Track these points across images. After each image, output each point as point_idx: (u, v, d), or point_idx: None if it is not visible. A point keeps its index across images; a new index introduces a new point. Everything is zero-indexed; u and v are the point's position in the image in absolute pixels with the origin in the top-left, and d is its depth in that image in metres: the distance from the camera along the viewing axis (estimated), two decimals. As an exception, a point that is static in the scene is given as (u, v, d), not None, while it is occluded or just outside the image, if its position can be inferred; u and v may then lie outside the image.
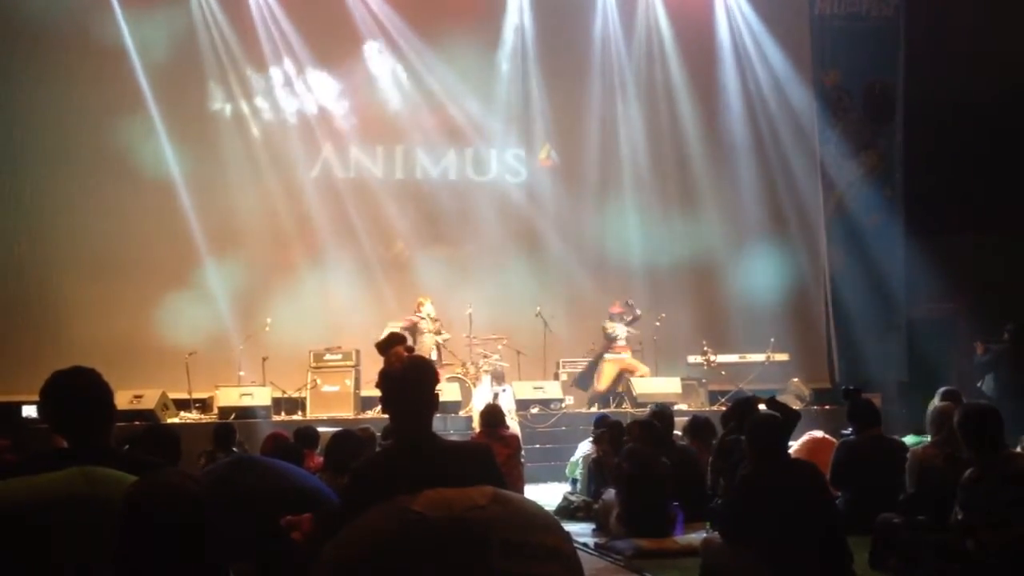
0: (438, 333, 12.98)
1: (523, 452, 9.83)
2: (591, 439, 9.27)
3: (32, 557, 2.64)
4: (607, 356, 13.48)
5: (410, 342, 9.40)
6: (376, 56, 14.79)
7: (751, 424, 5.50)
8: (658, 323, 13.99)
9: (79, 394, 3.17)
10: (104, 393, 3.22)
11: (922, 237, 15.41)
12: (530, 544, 2.99)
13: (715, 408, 12.29)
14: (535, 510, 3.24)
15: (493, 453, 3.59)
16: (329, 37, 14.70)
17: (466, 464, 3.34)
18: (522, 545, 2.97)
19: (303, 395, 12.85)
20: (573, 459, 9.90)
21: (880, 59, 15.87)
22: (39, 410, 3.30)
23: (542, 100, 15.26)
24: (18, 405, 11.32)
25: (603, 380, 13.44)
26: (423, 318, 12.91)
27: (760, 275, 15.29)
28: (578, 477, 9.58)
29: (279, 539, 3.73)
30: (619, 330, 13.48)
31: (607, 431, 8.23)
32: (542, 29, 15.28)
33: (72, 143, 13.71)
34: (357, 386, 12.83)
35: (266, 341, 12.99)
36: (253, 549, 3.62)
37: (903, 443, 6.81)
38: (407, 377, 3.44)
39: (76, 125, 13.70)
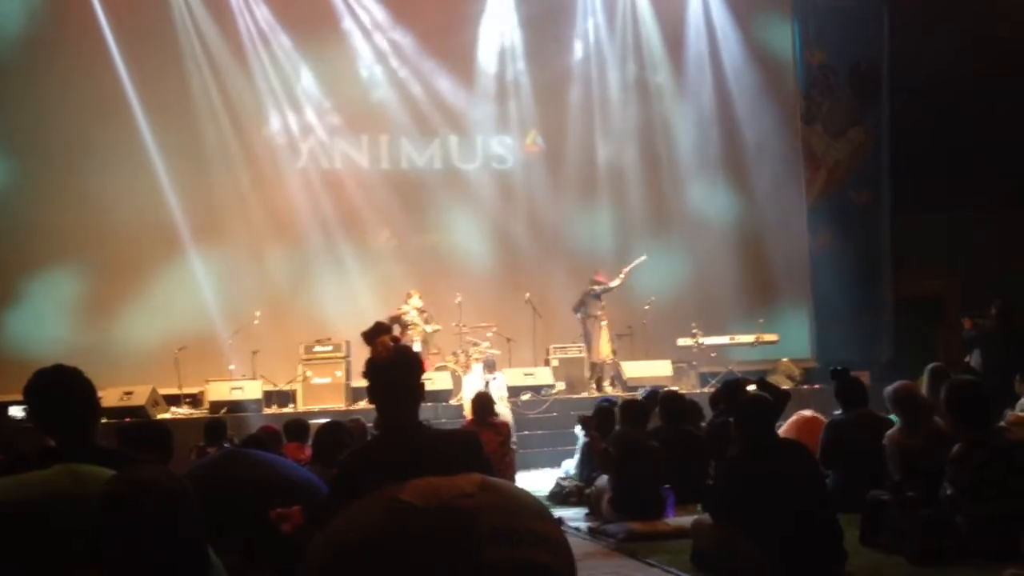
0: (426, 324, 12.96)
1: (515, 439, 9.84)
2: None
3: (19, 555, 2.63)
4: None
5: (396, 333, 9.37)
6: (358, 45, 14.75)
7: (738, 406, 5.50)
8: (647, 307, 14.03)
9: (62, 392, 3.18)
10: (87, 390, 3.23)
11: (909, 214, 15.47)
12: (519, 531, 2.99)
13: (706, 390, 12.34)
14: (523, 497, 3.25)
15: (480, 440, 3.59)
16: (310, 27, 14.66)
17: (454, 452, 3.34)
18: (511, 532, 2.97)
19: (294, 388, 12.84)
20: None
21: (865, 36, 15.88)
22: (24, 409, 3.31)
23: (526, 85, 15.24)
24: (3, 404, 11.30)
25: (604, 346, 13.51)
26: (408, 310, 12.90)
27: (746, 256, 15.35)
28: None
29: (269, 531, 3.73)
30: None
31: (594, 416, 8.24)
32: (524, 12, 15.23)
33: (52, 137, 13.64)
34: (348, 377, 12.81)
35: (255, 334, 12.97)
36: (243, 541, 3.63)
37: (891, 420, 6.81)
38: (392, 366, 3.44)
39: (55, 119, 13.61)
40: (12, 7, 13.81)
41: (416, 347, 12.46)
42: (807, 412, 8.34)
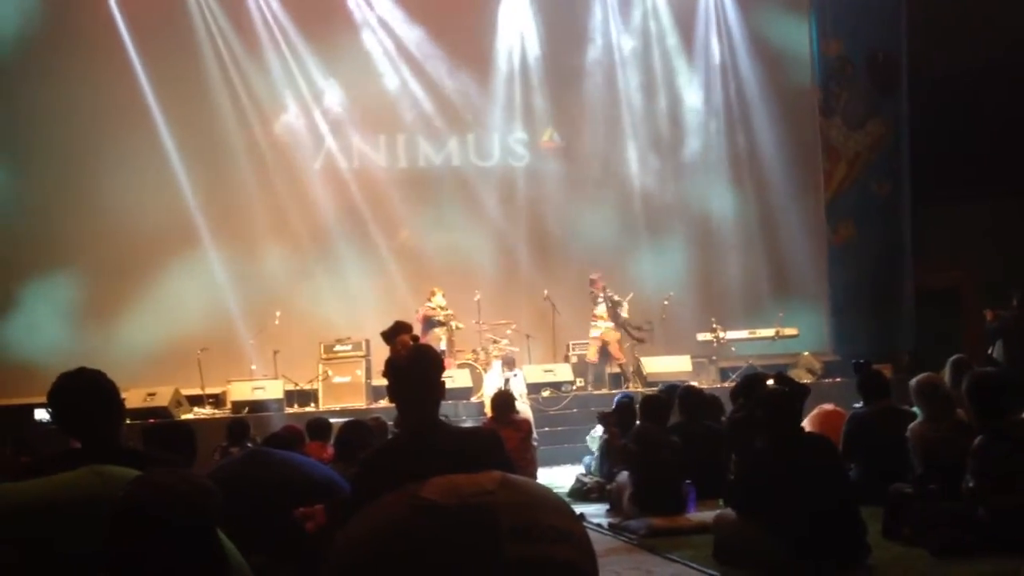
0: (448, 321, 13.00)
1: (536, 436, 9.85)
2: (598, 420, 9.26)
3: (47, 557, 2.67)
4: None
5: (417, 331, 9.39)
6: (375, 45, 14.79)
7: (765, 398, 5.47)
8: (666, 302, 14.01)
9: (85, 395, 3.22)
10: (110, 392, 3.26)
11: (930, 206, 15.36)
12: (540, 527, 3.00)
13: (726, 384, 12.31)
14: (544, 493, 3.25)
15: (501, 438, 3.61)
16: (327, 27, 14.71)
17: (474, 450, 3.36)
18: (532, 528, 2.98)
19: (315, 387, 12.90)
20: (593, 434, 9.77)
21: (882, 27, 15.74)
22: (49, 412, 3.36)
23: (543, 82, 15.23)
24: (30, 407, 11.40)
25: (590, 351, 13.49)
26: (434, 308, 12.96)
27: (764, 250, 15.30)
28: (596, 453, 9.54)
29: (293, 530, 3.76)
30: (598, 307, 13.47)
31: (614, 413, 8.24)
32: (540, 9, 15.24)
33: (73, 141, 13.73)
34: (368, 376, 12.85)
35: (276, 334, 13.02)
36: (267, 540, 3.65)
37: (914, 413, 6.79)
38: (411, 366, 3.46)
39: (77, 123, 13.70)
40: (7, 7, 13.87)
41: (442, 345, 12.52)
42: (828, 406, 8.32)
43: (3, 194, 13.77)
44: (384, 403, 11.95)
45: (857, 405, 7.60)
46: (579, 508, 7.06)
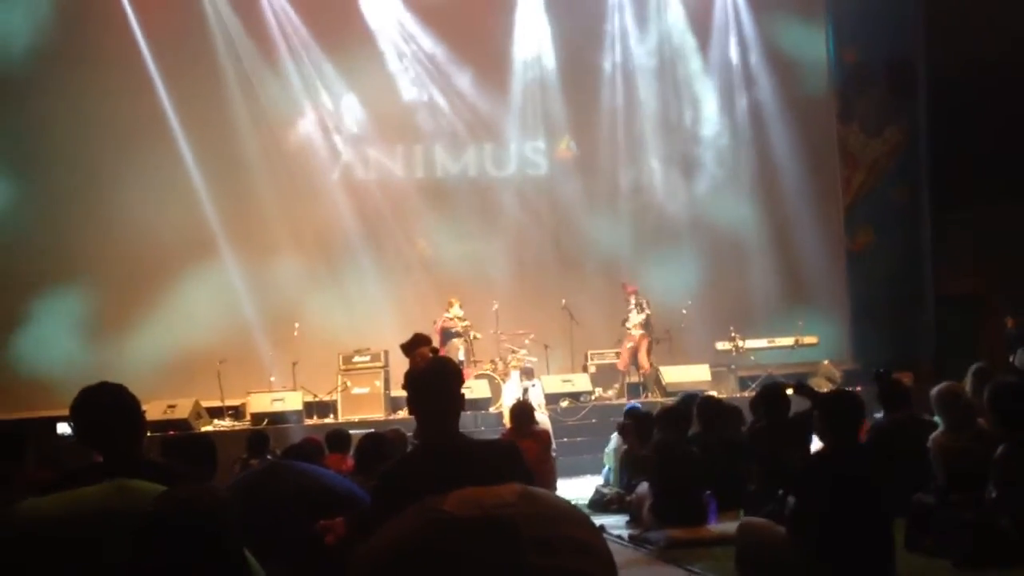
0: (466, 332, 12.99)
1: (555, 446, 9.83)
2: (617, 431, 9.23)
3: (69, 571, 2.68)
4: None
5: (435, 342, 9.41)
6: (391, 56, 14.84)
7: (827, 403, 5.27)
8: (684, 311, 13.98)
9: (107, 409, 3.23)
10: (131, 406, 3.28)
11: (949, 212, 15.28)
12: (560, 539, 3.00)
13: (745, 394, 12.25)
14: (564, 505, 3.26)
15: (520, 450, 3.61)
16: (344, 39, 14.76)
17: (494, 462, 3.36)
18: (552, 540, 2.98)
19: (334, 398, 12.92)
20: (607, 448, 9.80)
21: (899, 33, 15.71)
22: (71, 426, 3.39)
23: (559, 91, 15.25)
24: (52, 420, 11.45)
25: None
26: (452, 319, 12.96)
27: (784, 257, 15.25)
28: (611, 466, 9.54)
29: (312, 542, 3.77)
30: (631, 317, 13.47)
31: (632, 423, 8.21)
32: (555, 19, 15.26)
33: (89, 153, 13.75)
34: (387, 387, 12.87)
35: (295, 345, 13.06)
36: (287, 553, 3.66)
37: (934, 423, 6.73)
38: (430, 378, 3.47)
39: (93, 135, 13.74)
40: (19, 20, 13.90)
41: (460, 356, 12.51)
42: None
43: (19, 207, 13.82)
44: (403, 414, 11.93)
45: (877, 415, 7.55)
46: (599, 519, 7.05)
